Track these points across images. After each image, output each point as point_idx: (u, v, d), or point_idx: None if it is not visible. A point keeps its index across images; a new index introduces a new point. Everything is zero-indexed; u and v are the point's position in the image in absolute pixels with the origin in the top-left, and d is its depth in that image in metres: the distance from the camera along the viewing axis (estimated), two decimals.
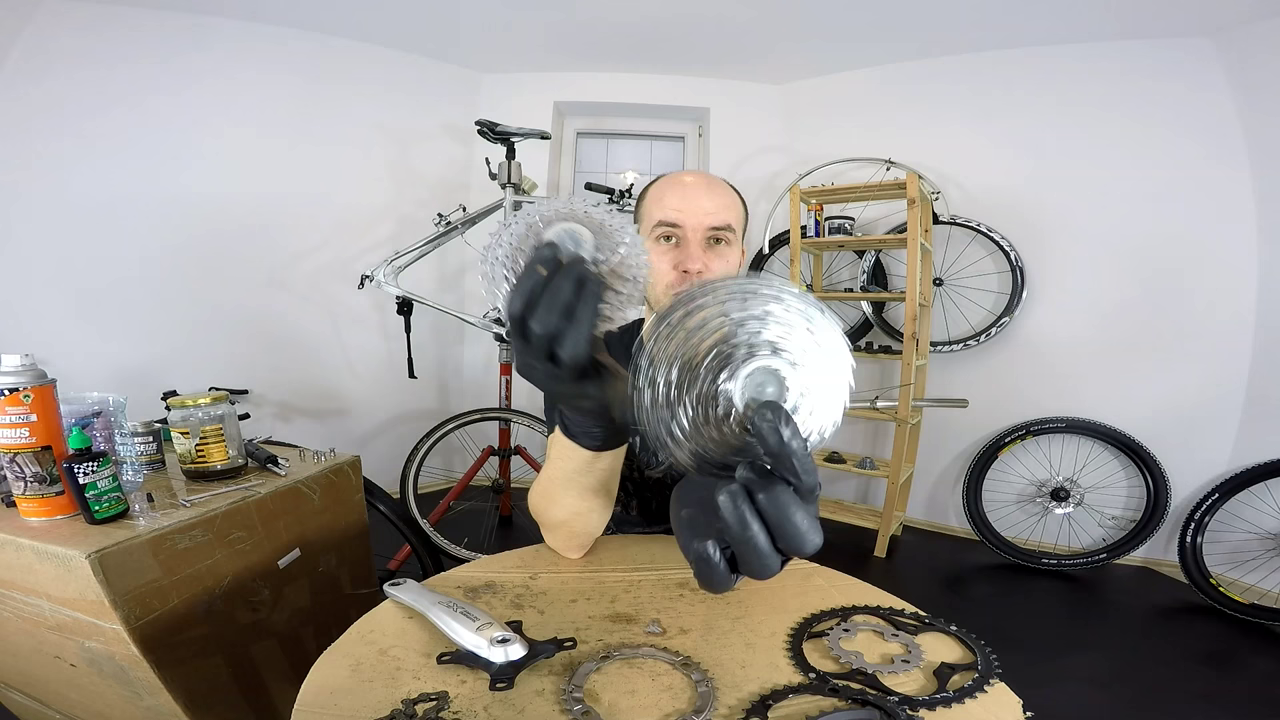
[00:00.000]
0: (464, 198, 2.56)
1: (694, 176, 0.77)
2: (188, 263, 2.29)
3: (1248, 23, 1.94)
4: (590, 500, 0.63)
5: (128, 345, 2.22)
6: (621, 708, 0.44)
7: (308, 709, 0.44)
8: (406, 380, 2.27)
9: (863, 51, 2.49)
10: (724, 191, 0.77)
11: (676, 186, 0.75)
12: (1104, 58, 2.18)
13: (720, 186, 0.77)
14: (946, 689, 0.47)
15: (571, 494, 0.63)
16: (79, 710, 0.89)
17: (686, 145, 3.02)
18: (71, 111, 2.08)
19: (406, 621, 0.56)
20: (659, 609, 0.59)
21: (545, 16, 2.32)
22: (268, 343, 2.48)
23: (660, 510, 0.90)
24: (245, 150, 2.35)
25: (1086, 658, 1.68)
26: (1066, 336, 2.32)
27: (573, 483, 0.61)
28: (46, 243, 2.08)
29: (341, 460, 1.09)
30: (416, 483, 2.12)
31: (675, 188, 0.75)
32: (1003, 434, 2.36)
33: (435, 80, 2.70)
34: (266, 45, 2.34)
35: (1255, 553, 1.99)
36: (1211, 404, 2.11)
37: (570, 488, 0.61)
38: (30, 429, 0.74)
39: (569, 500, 0.64)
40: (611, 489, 0.65)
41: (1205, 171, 2.08)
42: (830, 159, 2.56)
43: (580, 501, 0.63)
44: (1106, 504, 2.28)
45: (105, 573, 0.68)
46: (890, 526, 2.32)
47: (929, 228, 2.35)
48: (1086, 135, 2.23)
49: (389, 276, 2.11)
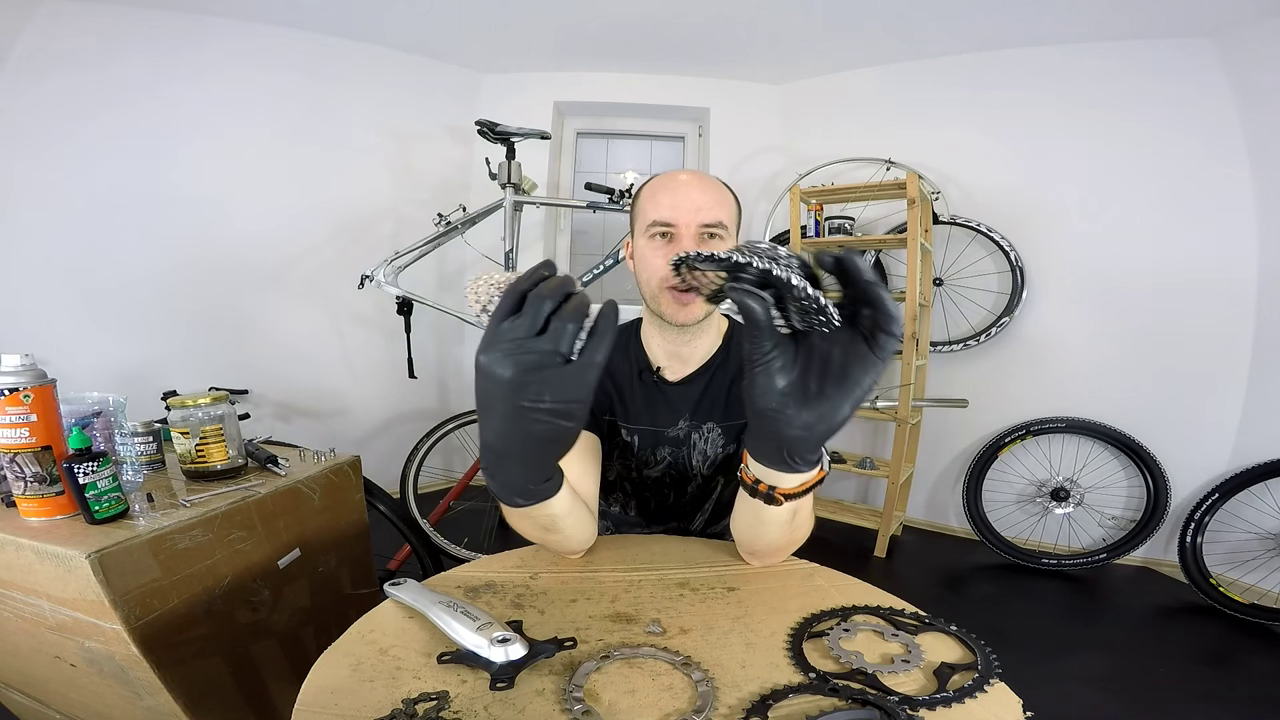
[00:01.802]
0: (464, 198, 2.56)
1: (687, 175, 0.78)
2: (188, 262, 2.29)
3: (1248, 23, 1.94)
4: (557, 531, 0.63)
5: (128, 345, 2.22)
6: (621, 708, 0.44)
7: (308, 709, 0.44)
8: (406, 380, 2.27)
9: (863, 51, 2.48)
10: (716, 189, 0.77)
11: (669, 185, 0.77)
12: (1104, 58, 2.18)
13: (713, 184, 0.78)
14: (946, 689, 0.47)
15: (528, 525, 0.63)
16: (79, 710, 0.89)
17: (686, 145, 3.02)
18: (72, 111, 2.08)
19: (406, 621, 0.56)
20: (659, 609, 0.59)
21: (545, 17, 2.32)
22: (268, 342, 2.48)
23: (659, 510, 0.90)
24: (245, 150, 2.35)
25: (1086, 658, 1.68)
26: (1066, 336, 2.32)
27: (524, 519, 0.61)
28: (47, 242, 2.08)
29: (341, 460, 1.09)
30: (416, 483, 2.12)
31: (668, 187, 0.77)
32: (1003, 434, 2.36)
33: (435, 80, 2.70)
34: (266, 45, 2.34)
35: (1255, 553, 1.99)
36: (1211, 404, 2.11)
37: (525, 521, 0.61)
38: (30, 429, 0.74)
39: (536, 532, 0.64)
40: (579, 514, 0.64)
41: (1205, 171, 2.08)
42: (830, 159, 2.56)
43: (547, 534, 0.63)
44: (1106, 504, 2.28)
45: (105, 573, 0.68)
46: (890, 526, 2.32)
47: (929, 228, 2.35)
48: (1086, 135, 2.23)
49: (389, 276, 2.11)
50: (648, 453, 0.85)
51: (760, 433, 0.49)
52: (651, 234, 0.76)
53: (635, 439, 0.85)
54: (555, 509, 0.57)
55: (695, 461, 0.85)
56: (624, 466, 0.88)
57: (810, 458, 0.50)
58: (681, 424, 0.84)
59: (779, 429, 0.46)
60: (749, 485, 0.57)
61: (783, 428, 0.46)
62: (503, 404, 0.40)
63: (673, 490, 0.87)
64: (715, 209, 0.75)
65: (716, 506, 0.89)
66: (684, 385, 0.84)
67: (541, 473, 0.51)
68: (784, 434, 0.46)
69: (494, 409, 0.41)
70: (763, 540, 0.64)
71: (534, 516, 0.58)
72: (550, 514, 0.58)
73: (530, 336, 0.38)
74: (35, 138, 2.04)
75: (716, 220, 0.74)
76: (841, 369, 0.43)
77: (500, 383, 0.39)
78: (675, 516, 0.90)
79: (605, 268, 2.12)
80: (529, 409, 0.40)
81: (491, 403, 0.41)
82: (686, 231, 0.74)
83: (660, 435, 0.84)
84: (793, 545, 0.67)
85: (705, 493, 0.88)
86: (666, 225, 0.75)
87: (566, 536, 0.64)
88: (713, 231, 0.75)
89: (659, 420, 0.84)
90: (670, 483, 0.87)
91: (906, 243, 2.15)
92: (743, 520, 0.64)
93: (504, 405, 0.40)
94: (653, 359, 0.85)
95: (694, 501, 0.88)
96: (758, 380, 0.45)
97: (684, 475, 0.86)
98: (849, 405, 0.44)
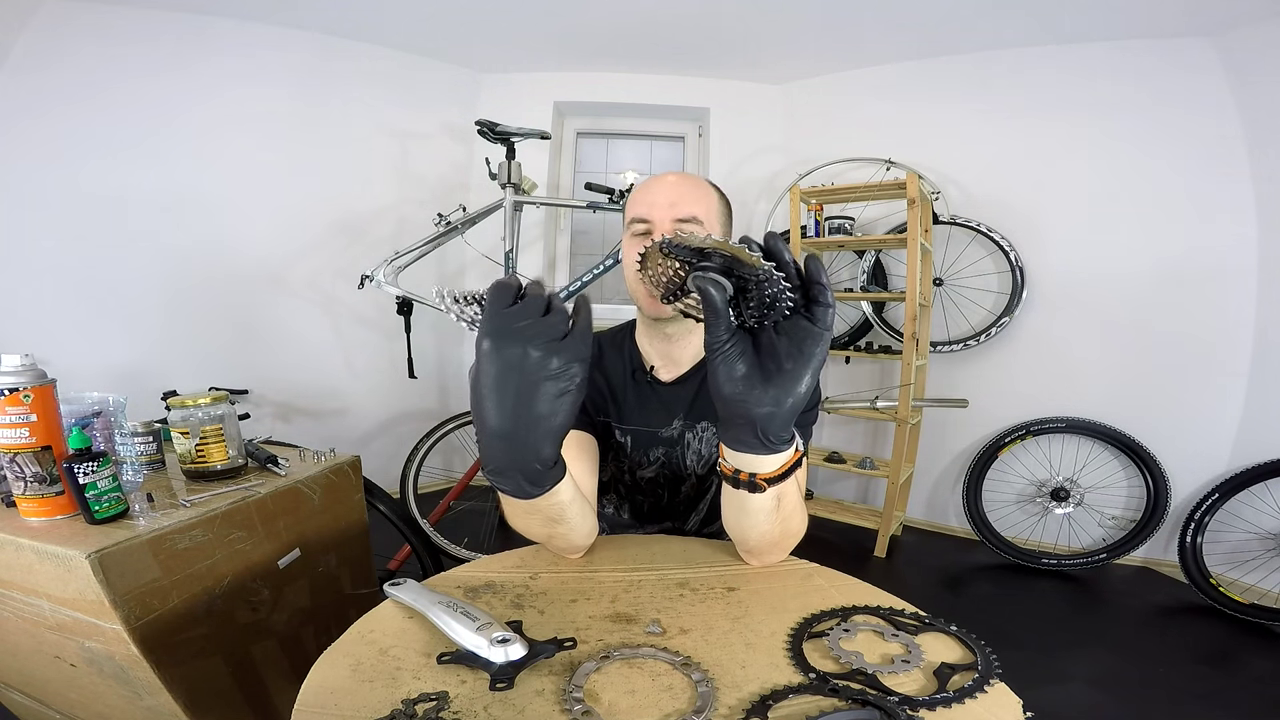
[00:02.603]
0: (464, 198, 2.56)
1: (673, 176, 0.79)
2: (188, 262, 2.29)
3: (1248, 23, 1.94)
4: (564, 523, 0.62)
5: (128, 345, 2.22)
6: (621, 708, 0.44)
7: (308, 709, 0.44)
8: (406, 380, 2.27)
9: (863, 51, 2.49)
10: (695, 185, 0.79)
11: (650, 184, 0.79)
12: (1104, 58, 2.18)
13: (694, 181, 0.79)
14: (946, 689, 0.47)
15: (535, 523, 0.62)
16: (79, 710, 0.89)
17: (686, 145, 3.02)
18: (72, 111, 2.08)
19: (406, 621, 0.56)
20: (659, 609, 0.59)
21: (545, 17, 2.32)
22: (268, 343, 2.48)
23: (652, 511, 0.90)
24: (245, 149, 2.35)
25: (1086, 658, 1.68)
26: (1067, 336, 2.32)
27: (531, 516, 0.61)
28: (47, 242, 2.08)
29: (341, 460, 1.09)
30: (416, 483, 2.12)
31: (649, 185, 0.79)
32: (1003, 434, 2.36)
33: (435, 80, 2.70)
34: (266, 45, 2.34)
35: (1255, 553, 1.99)
36: (1211, 404, 2.11)
37: (532, 518, 0.61)
38: (30, 429, 0.74)
39: (542, 527, 0.63)
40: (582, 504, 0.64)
41: (1205, 171, 2.07)
42: (830, 159, 2.56)
43: (555, 526, 0.63)
44: (1106, 504, 2.28)
45: (105, 573, 0.68)
46: (890, 526, 2.32)
47: (929, 228, 2.35)
48: (1086, 135, 2.23)
49: (389, 276, 2.11)
50: (641, 453, 0.85)
51: (731, 419, 0.52)
52: (634, 231, 0.78)
53: (629, 440, 0.85)
54: (563, 496, 0.58)
55: (689, 461, 0.85)
56: (617, 468, 0.88)
57: (783, 434, 0.53)
58: (675, 424, 0.84)
59: (748, 410, 0.50)
60: (729, 476, 0.58)
61: (751, 408, 0.50)
62: (519, 377, 0.45)
63: (667, 490, 0.87)
64: (690, 204, 0.76)
65: (711, 507, 0.89)
66: (677, 385, 0.84)
67: (555, 447, 0.51)
68: (753, 413, 0.50)
69: (507, 387, 0.45)
70: (754, 534, 0.64)
71: (543, 509, 0.58)
72: (559, 502, 0.58)
73: (538, 318, 0.45)
74: (35, 138, 2.04)
75: (690, 215, 0.75)
76: (793, 346, 0.48)
77: (521, 356, 0.45)
78: (670, 517, 0.90)
79: (605, 268, 2.12)
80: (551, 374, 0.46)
81: (504, 382, 0.45)
82: (661, 226, 0.75)
83: (654, 435, 0.84)
84: (787, 539, 0.67)
85: (700, 493, 0.88)
86: (643, 220, 0.77)
87: (572, 528, 0.63)
88: (687, 226, 0.75)
89: (652, 420, 0.84)
90: (664, 483, 0.87)
91: (906, 243, 2.15)
92: (731, 515, 0.64)
93: (520, 379, 0.45)
94: (646, 359, 0.86)
95: (689, 501, 0.88)
96: (720, 369, 0.50)
97: (678, 475, 0.86)
98: (809, 375, 0.48)
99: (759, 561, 0.69)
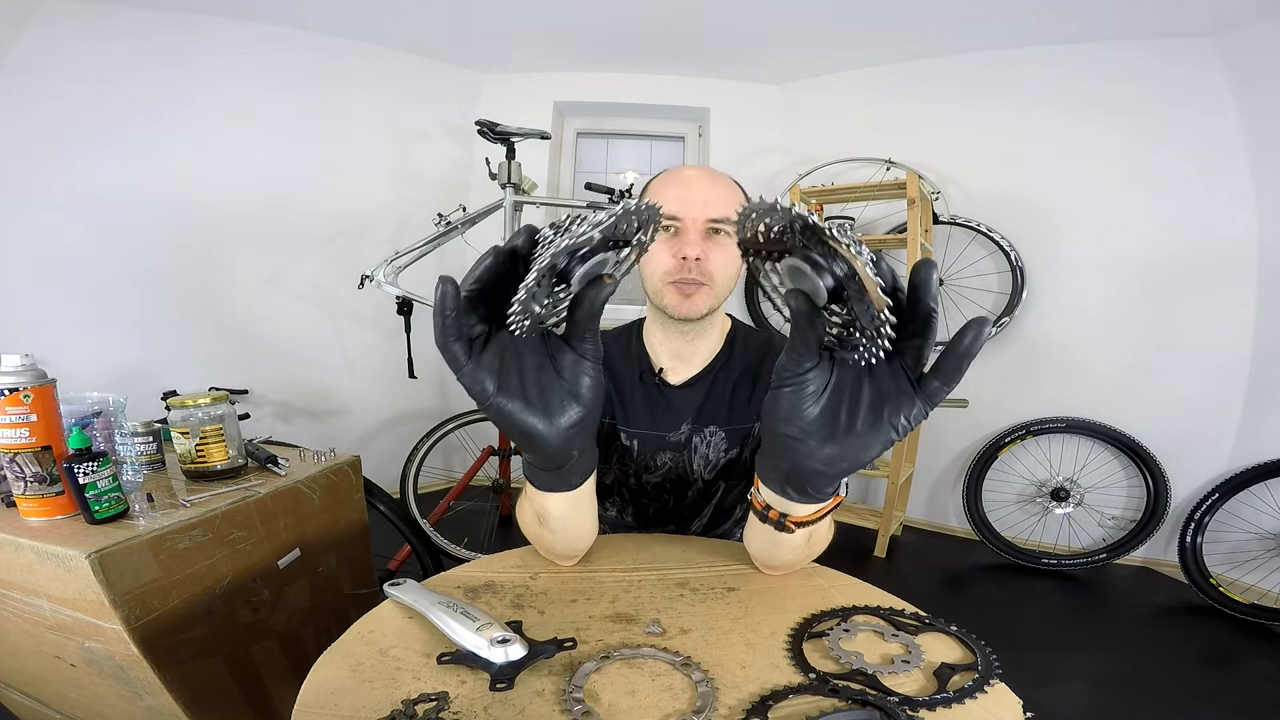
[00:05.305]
0: (464, 198, 2.56)
1: (695, 170, 0.77)
2: (188, 262, 2.29)
3: (1248, 23, 1.94)
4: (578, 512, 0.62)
5: (128, 345, 2.22)
6: (621, 708, 0.44)
7: (308, 709, 0.44)
8: (406, 380, 2.27)
9: (863, 51, 2.48)
10: (725, 185, 0.77)
11: (678, 179, 0.76)
12: (1104, 58, 2.18)
13: (722, 179, 0.77)
14: (946, 689, 0.47)
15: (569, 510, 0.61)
16: (79, 710, 0.89)
17: (686, 145, 3.02)
18: (72, 110, 2.08)
19: (406, 621, 0.56)
20: (659, 609, 0.59)
21: (545, 16, 2.32)
22: (268, 343, 2.48)
23: (657, 515, 0.88)
24: (245, 149, 2.35)
25: (1086, 658, 1.68)
26: (1066, 336, 2.32)
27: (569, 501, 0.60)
28: (47, 242, 2.08)
29: (341, 460, 1.09)
30: (416, 483, 2.12)
31: (676, 181, 0.76)
32: (1003, 434, 2.36)
33: (435, 80, 2.70)
34: (266, 45, 2.34)
35: (1255, 553, 1.99)
36: (1211, 404, 2.11)
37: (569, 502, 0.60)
38: (30, 429, 0.74)
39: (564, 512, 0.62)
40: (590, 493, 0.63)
41: (1205, 171, 2.07)
42: (830, 159, 2.56)
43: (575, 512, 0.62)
44: (1106, 504, 2.28)
45: (105, 573, 0.68)
46: (890, 526, 2.32)
47: (929, 228, 2.35)
48: (1086, 135, 2.23)
49: (389, 276, 2.11)
50: (648, 457, 0.83)
51: (774, 456, 0.46)
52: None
53: (635, 443, 0.83)
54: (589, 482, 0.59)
55: (696, 465, 0.83)
56: (622, 471, 0.86)
57: (826, 491, 0.47)
58: (683, 428, 0.82)
59: (797, 458, 0.43)
60: (759, 511, 0.55)
61: (802, 458, 0.43)
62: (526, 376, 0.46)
63: (672, 495, 0.85)
64: (722, 204, 0.74)
65: (716, 512, 0.87)
66: (686, 389, 0.82)
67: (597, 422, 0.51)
68: (801, 465, 0.43)
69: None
70: (777, 560, 0.64)
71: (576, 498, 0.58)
72: (589, 489, 0.60)
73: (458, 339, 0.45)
74: (35, 138, 2.04)
75: (723, 215, 0.74)
76: (879, 403, 0.39)
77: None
78: (673, 521, 0.88)
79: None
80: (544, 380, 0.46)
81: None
82: (693, 226, 0.73)
83: (662, 440, 0.82)
84: (812, 557, 0.67)
85: (705, 497, 0.85)
86: (672, 219, 0.74)
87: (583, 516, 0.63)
88: (718, 227, 0.74)
89: (660, 424, 0.82)
90: (670, 487, 0.85)
91: (906, 243, 2.14)
92: (756, 543, 0.63)
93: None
94: (655, 360, 0.84)
95: (693, 506, 0.86)
96: (783, 400, 0.41)
97: (684, 480, 0.84)
98: (879, 446, 0.40)
99: (777, 574, 0.67)
